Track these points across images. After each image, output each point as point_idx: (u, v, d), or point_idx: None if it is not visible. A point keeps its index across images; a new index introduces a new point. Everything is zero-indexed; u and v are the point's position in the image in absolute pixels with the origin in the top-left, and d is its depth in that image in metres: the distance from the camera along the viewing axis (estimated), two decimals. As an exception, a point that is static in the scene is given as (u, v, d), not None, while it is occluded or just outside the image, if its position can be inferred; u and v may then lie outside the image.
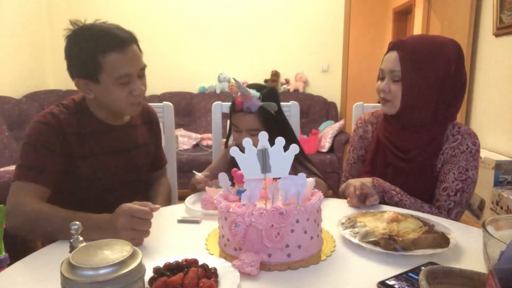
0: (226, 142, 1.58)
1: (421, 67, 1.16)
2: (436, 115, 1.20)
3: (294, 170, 0.83)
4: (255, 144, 0.79)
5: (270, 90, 1.35)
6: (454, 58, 1.16)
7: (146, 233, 0.91)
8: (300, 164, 1.35)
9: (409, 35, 1.38)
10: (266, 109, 1.29)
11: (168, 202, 1.39)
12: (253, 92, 1.28)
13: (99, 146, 1.19)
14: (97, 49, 1.07)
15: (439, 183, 1.22)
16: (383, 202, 1.19)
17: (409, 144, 1.25)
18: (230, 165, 1.32)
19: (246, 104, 1.28)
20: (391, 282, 0.72)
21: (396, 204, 1.18)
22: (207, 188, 1.18)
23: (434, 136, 1.23)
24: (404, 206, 1.17)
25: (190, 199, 1.22)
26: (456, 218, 1.19)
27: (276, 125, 1.32)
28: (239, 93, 1.29)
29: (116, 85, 1.10)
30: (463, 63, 1.19)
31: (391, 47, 1.22)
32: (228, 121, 1.49)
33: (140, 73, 1.16)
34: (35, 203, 1.02)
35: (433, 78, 1.16)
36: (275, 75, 4.22)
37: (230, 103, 1.42)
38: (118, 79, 1.10)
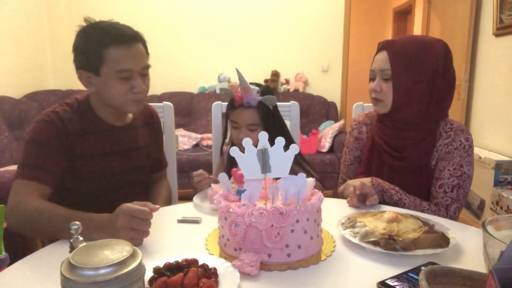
0: (221, 149, 1.58)
1: (410, 65, 1.18)
2: (428, 112, 1.21)
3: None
4: (254, 139, 0.80)
5: (267, 87, 1.40)
6: (442, 56, 1.19)
7: (146, 233, 0.91)
8: (296, 163, 1.36)
9: (398, 36, 1.40)
10: (265, 104, 1.33)
11: (168, 204, 1.39)
12: (253, 86, 1.31)
13: (101, 146, 1.19)
14: (101, 42, 1.09)
15: (435, 180, 1.23)
16: (383, 201, 1.19)
17: (403, 142, 1.26)
18: (228, 169, 1.33)
19: (246, 99, 1.31)
20: (391, 282, 0.72)
21: (395, 203, 1.19)
22: (212, 185, 1.19)
23: (427, 134, 1.24)
24: (403, 205, 1.18)
25: (197, 196, 1.23)
26: (455, 214, 1.20)
27: (273, 121, 1.36)
28: (239, 88, 1.32)
29: (116, 79, 1.11)
30: (451, 61, 1.22)
31: (380, 48, 1.24)
32: (224, 128, 1.50)
33: (143, 72, 1.17)
34: (37, 202, 1.02)
35: (423, 75, 1.18)
36: (275, 75, 4.22)
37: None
38: (119, 73, 1.11)
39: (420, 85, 1.18)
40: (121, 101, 1.15)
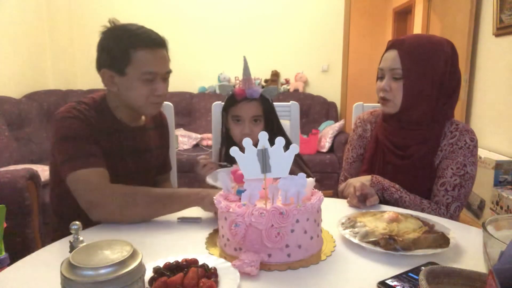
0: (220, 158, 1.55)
1: (421, 64, 1.17)
2: (435, 112, 1.21)
3: None
4: (258, 131, 0.81)
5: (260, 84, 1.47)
6: (450, 56, 1.19)
7: None
8: (293, 163, 1.36)
9: (406, 34, 1.40)
10: (265, 98, 1.38)
11: None
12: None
13: (118, 146, 1.21)
14: (130, 43, 1.12)
15: (437, 178, 1.23)
16: (383, 199, 1.19)
17: (407, 141, 1.26)
18: None
19: (249, 91, 1.35)
20: (391, 282, 0.72)
21: (396, 201, 1.18)
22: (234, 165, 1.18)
23: (432, 134, 1.24)
24: (403, 203, 1.18)
25: (209, 178, 1.22)
26: (456, 213, 1.20)
27: (274, 114, 1.43)
28: (240, 81, 1.38)
29: (140, 80, 1.14)
30: (457, 60, 1.22)
31: (390, 46, 1.24)
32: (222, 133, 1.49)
33: (165, 77, 1.20)
34: (121, 186, 1.05)
35: (433, 75, 1.18)
36: (275, 75, 4.22)
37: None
38: (143, 75, 1.14)
39: (430, 85, 1.18)
40: (142, 103, 1.17)
